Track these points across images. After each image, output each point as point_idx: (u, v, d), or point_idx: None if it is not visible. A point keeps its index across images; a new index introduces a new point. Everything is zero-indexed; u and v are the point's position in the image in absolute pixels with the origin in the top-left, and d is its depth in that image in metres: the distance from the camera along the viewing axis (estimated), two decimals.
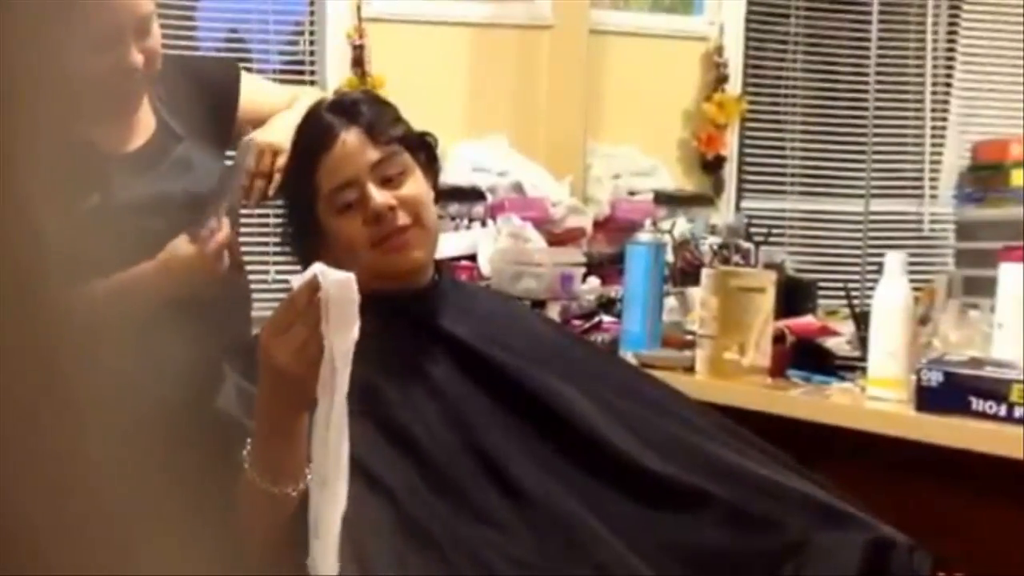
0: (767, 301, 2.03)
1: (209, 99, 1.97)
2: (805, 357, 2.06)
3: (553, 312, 2.47)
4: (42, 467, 0.61)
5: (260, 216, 3.16)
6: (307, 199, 1.63)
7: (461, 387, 1.59)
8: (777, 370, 2.02)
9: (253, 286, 2.11)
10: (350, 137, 1.63)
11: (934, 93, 3.79)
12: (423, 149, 1.72)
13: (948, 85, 3.81)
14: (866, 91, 3.60)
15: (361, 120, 1.64)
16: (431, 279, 1.69)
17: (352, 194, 1.61)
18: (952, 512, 1.71)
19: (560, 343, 1.74)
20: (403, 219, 1.62)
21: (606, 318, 2.50)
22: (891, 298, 1.81)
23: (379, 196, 1.60)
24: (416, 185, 1.66)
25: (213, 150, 1.96)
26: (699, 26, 3.56)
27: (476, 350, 1.62)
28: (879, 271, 1.87)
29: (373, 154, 1.62)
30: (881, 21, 3.58)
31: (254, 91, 2.04)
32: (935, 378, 1.68)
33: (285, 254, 3.18)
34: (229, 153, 2.03)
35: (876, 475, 1.81)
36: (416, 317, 1.64)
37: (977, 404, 1.63)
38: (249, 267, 3.15)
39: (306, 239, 1.67)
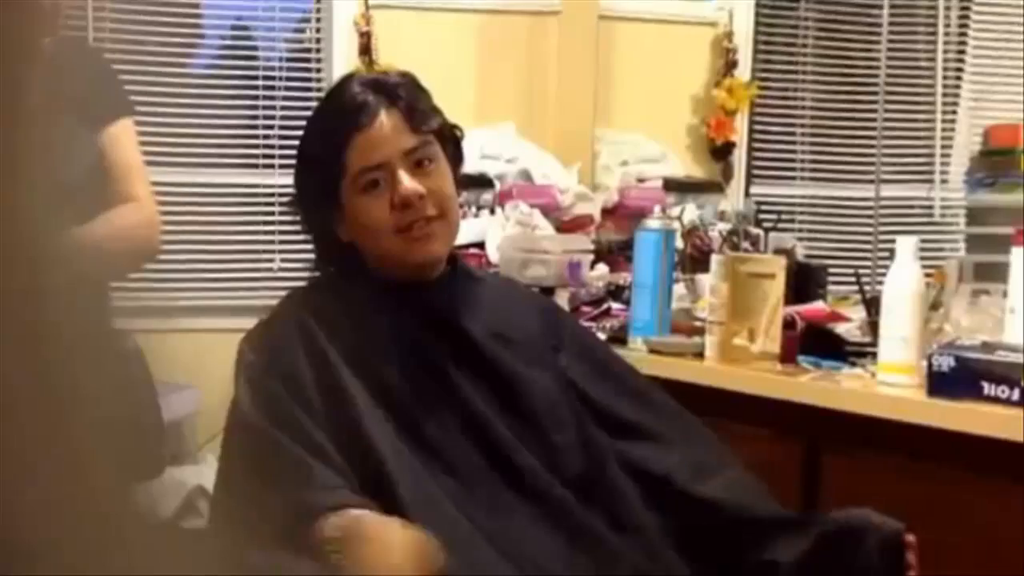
0: (777, 287, 2.02)
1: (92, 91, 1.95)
2: (815, 343, 2.05)
3: (561, 299, 2.46)
4: (36, 467, 0.61)
5: (265, 206, 3.17)
6: (332, 174, 1.61)
7: (465, 382, 1.58)
8: (787, 356, 2.01)
9: (258, 275, 2.10)
10: (388, 119, 1.60)
11: (945, 77, 3.77)
12: (452, 142, 1.70)
13: (959, 69, 3.79)
14: (877, 76, 3.57)
15: (400, 104, 1.61)
16: (444, 270, 1.68)
17: (381, 176, 1.59)
18: (963, 497, 1.70)
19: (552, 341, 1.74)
20: (431, 210, 1.60)
21: (615, 305, 2.49)
22: (903, 283, 1.80)
23: (409, 183, 1.58)
24: (444, 178, 1.64)
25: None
26: (708, 12, 3.54)
27: (480, 347, 1.62)
28: (889, 257, 1.85)
29: (409, 140, 1.60)
30: (892, 5, 3.56)
31: (124, 138, 2.00)
32: (946, 363, 1.66)
33: (290, 243, 3.18)
34: None
35: (887, 461, 1.80)
36: (426, 309, 1.63)
37: (989, 389, 1.62)
38: (254, 256, 3.16)
39: (324, 214, 1.65)
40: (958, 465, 1.69)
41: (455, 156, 1.70)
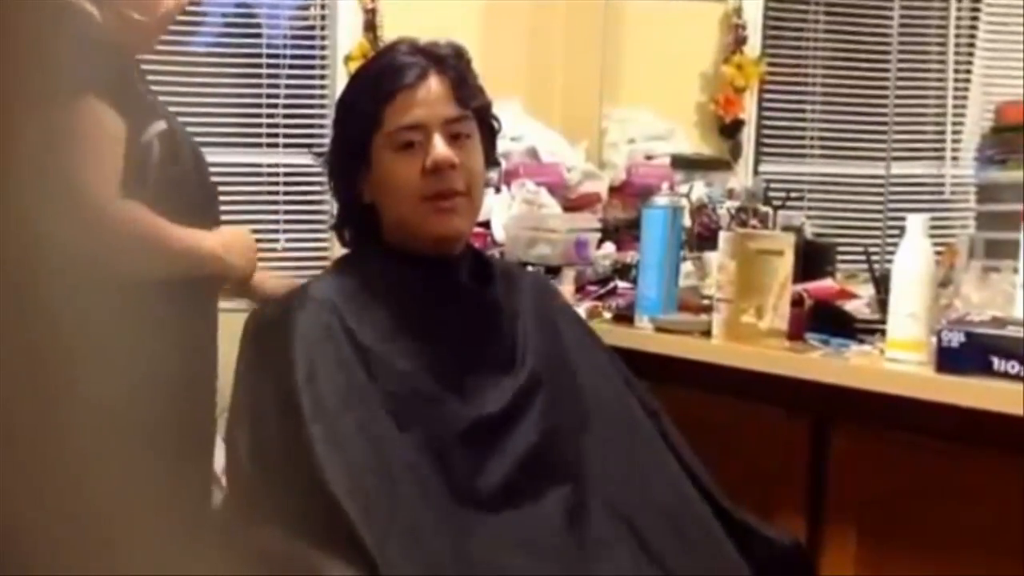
0: (785, 264, 2.00)
1: None
2: (824, 320, 2.03)
3: (567, 278, 2.44)
4: (35, 468, 0.60)
5: (270, 185, 3.15)
6: (366, 126, 1.60)
7: (469, 347, 1.58)
8: (795, 333, 1.99)
9: (262, 255, 2.09)
10: (436, 84, 1.60)
11: (957, 54, 3.74)
12: (489, 127, 1.69)
13: (971, 46, 3.75)
14: (887, 53, 3.54)
15: (450, 73, 1.61)
16: (463, 251, 1.68)
17: (417, 137, 1.58)
18: (972, 473, 1.69)
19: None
20: (460, 183, 1.59)
21: (621, 284, 2.47)
22: (913, 259, 1.78)
23: (444, 149, 1.57)
24: (477, 156, 1.64)
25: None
26: None
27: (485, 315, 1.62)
28: (899, 235, 1.83)
29: (451, 109, 1.60)
30: None
31: None
32: (956, 339, 1.64)
33: (294, 223, 3.16)
34: None
35: (896, 437, 1.78)
36: (435, 278, 1.63)
37: (998, 364, 1.60)
38: (259, 237, 3.15)
39: (348, 165, 1.64)
40: (967, 441, 1.67)
41: (489, 142, 1.69)
